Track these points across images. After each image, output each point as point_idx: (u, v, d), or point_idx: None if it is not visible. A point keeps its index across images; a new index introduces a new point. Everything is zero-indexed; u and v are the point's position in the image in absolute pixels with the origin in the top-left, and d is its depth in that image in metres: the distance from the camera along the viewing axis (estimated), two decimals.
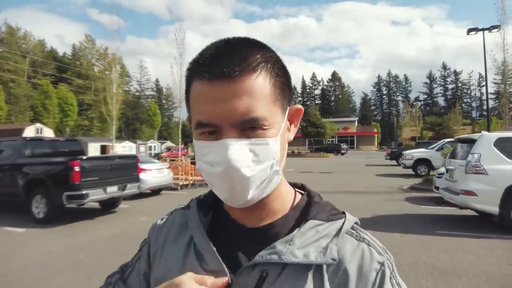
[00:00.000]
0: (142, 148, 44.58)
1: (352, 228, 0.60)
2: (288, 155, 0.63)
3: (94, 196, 7.13)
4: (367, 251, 0.56)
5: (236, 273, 0.55)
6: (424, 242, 5.44)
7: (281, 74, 0.57)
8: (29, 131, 34.56)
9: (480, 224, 6.57)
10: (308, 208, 0.62)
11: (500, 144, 6.15)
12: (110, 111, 20.28)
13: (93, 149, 35.08)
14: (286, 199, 0.63)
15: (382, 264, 0.55)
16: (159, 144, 51.91)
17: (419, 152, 16.25)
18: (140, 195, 9.86)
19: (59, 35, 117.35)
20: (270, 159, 0.54)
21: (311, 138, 46.02)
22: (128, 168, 8.16)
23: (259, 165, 0.53)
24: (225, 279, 0.54)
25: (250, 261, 0.56)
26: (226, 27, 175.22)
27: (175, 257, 0.61)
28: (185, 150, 31.99)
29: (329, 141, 50.76)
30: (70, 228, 6.83)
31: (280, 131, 0.56)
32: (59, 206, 7.12)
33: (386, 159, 24.31)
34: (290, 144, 0.63)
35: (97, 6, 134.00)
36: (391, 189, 11.55)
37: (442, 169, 8.33)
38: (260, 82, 0.53)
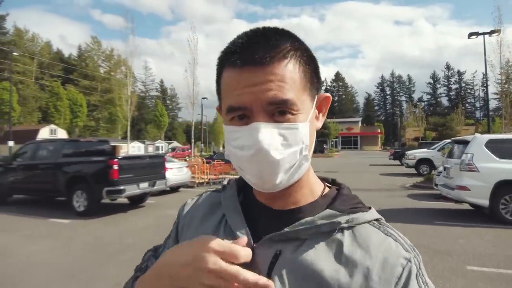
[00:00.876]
0: (150, 148, 45.58)
1: (378, 222, 0.60)
2: None
3: (130, 191, 8.03)
4: (394, 245, 0.55)
5: (257, 244, 0.56)
6: (422, 230, 6.26)
7: (309, 63, 0.57)
8: (44, 132, 35.70)
9: (474, 216, 7.37)
10: (335, 199, 0.62)
11: (491, 145, 6.97)
12: (125, 112, 21.17)
13: None
14: (315, 188, 0.63)
15: (409, 261, 0.53)
16: (166, 144, 52.99)
17: (421, 152, 17.06)
18: (162, 192, 10.72)
19: (62, 35, 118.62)
20: (299, 143, 0.54)
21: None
22: (157, 167, 9.08)
23: (288, 149, 0.53)
24: (248, 249, 0.51)
25: (266, 236, 0.56)
26: (228, 27, 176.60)
27: (203, 233, 0.60)
28: (189, 151, 32.85)
29: (333, 141, 51.43)
30: (109, 220, 7.70)
31: (308, 117, 0.56)
32: (98, 200, 8.03)
33: (389, 159, 24.87)
34: None
35: (100, 7, 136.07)
36: (394, 187, 12.31)
37: (441, 168, 9.13)
38: (290, 69, 0.53)
